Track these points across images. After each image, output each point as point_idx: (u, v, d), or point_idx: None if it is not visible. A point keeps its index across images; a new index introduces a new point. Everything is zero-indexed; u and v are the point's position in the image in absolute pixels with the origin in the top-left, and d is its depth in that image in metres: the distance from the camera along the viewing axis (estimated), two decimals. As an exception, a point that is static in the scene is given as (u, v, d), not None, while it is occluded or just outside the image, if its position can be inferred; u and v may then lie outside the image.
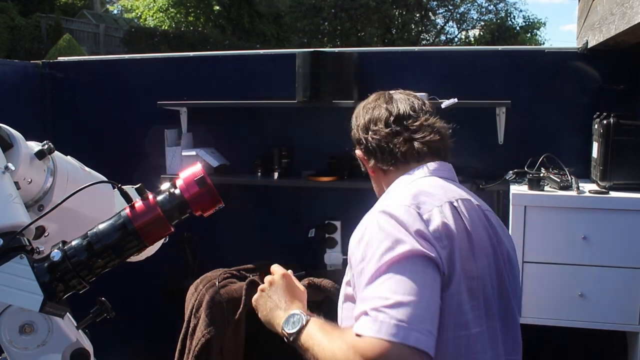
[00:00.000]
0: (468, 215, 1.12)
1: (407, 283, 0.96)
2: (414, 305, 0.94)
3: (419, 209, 1.07)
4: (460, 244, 1.06)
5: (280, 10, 18.82)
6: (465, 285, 1.05)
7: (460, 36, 22.23)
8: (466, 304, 1.04)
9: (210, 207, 1.05)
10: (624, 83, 2.55)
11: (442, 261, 1.02)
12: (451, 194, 1.16)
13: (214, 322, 2.28)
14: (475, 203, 1.19)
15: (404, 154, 1.26)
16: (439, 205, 1.10)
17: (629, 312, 2.08)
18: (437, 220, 1.06)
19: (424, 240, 1.02)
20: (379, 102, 1.34)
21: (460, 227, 1.08)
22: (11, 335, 0.98)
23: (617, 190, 2.16)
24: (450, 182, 1.23)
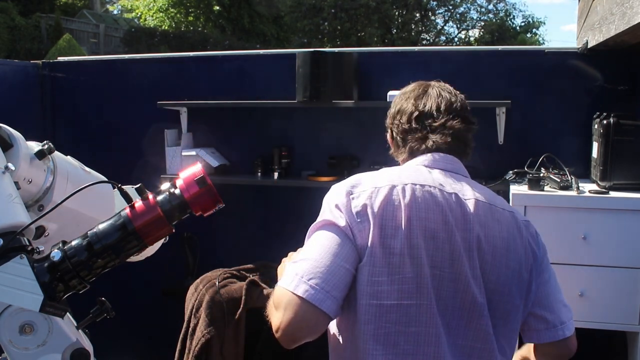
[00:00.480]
0: (414, 201, 1.19)
1: (314, 247, 1.17)
2: (310, 263, 1.14)
3: (352, 187, 1.22)
4: (382, 222, 1.16)
5: (280, 11, 18.82)
6: (382, 259, 1.14)
7: (460, 36, 22.25)
8: (380, 276, 1.14)
9: (210, 207, 1.05)
10: (624, 83, 2.55)
11: (355, 233, 1.16)
12: (403, 180, 1.22)
13: (214, 322, 2.28)
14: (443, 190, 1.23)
15: (413, 150, 1.35)
16: (376, 187, 1.20)
17: (629, 312, 2.08)
18: (362, 199, 1.18)
19: (340, 212, 1.18)
20: (412, 95, 1.41)
21: (391, 207, 1.17)
22: (11, 335, 0.98)
23: (617, 190, 2.16)
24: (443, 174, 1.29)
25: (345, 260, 1.14)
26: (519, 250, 1.25)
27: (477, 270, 1.19)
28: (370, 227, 1.15)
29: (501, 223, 1.25)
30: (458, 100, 1.42)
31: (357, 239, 1.15)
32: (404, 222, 1.16)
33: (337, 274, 1.13)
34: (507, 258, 1.22)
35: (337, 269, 1.13)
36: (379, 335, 1.14)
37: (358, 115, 2.77)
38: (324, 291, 1.11)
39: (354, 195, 1.20)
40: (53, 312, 0.96)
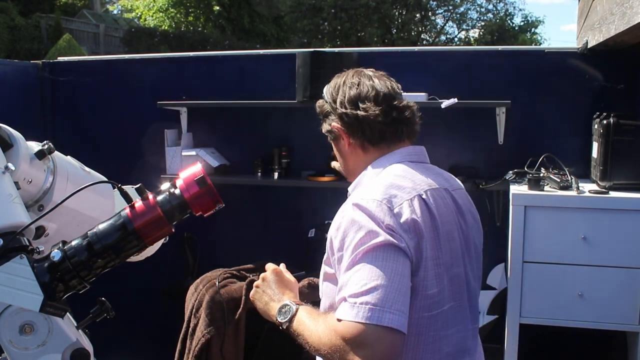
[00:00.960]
0: (436, 206, 1.20)
1: (379, 270, 1.06)
2: (386, 289, 1.05)
3: (390, 203, 1.15)
4: (427, 235, 1.15)
5: (280, 11, 18.81)
6: (431, 271, 1.15)
7: (460, 36, 22.25)
8: (431, 289, 1.15)
9: (210, 207, 1.05)
10: (624, 83, 2.55)
11: (411, 250, 1.12)
12: (420, 185, 1.22)
13: (214, 322, 2.28)
14: (442, 188, 1.27)
15: (390, 135, 1.30)
16: (409, 199, 1.17)
17: (629, 312, 2.08)
18: (407, 214, 1.14)
19: (394, 232, 1.11)
20: (362, 80, 1.33)
21: (427, 220, 1.17)
22: (11, 335, 0.98)
23: (617, 190, 2.16)
24: (420, 167, 1.29)
25: (408, 277, 1.11)
26: (479, 224, 1.37)
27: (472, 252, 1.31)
28: (416, 243, 1.14)
29: (469, 205, 1.35)
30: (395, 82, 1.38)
31: (413, 256, 1.13)
32: (440, 231, 1.19)
33: (407, 294, 1.09)
34: (479, 234, 1.36)
35: (406, 288, 1.09)
36: (427, 344, 1.17)
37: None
38: (404, 315, 1.05)
39: (396, 211, 1.14)
40: (53, 312, 0.96)
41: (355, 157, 1.35)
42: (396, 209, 1.14)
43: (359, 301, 1.03)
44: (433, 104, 2.55)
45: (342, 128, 1.33)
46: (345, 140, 1.34)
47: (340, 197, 2.79)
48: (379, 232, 1.10)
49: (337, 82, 1.38)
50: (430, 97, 2.58)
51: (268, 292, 1.36)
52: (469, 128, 2.71)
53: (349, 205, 1.17)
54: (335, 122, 1.35)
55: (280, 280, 1.39)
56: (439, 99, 2.54)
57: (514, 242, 2.13)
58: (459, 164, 2.71)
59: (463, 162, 2.72)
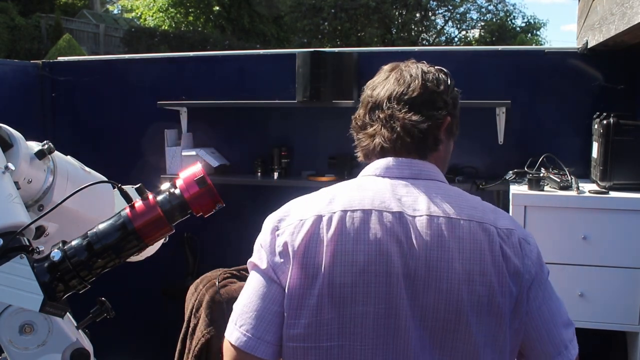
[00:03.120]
0: (337, 231, 1.03)
1: (246, 290, 1.12)
2: (241, 309, 1.11)
3: (279, 222, 1.12)
4: (303, 261, 1.03)
5: (280, 11, 18.82)
6: (299, 301, 1.04)
7: (460, 36, 22.24)
8: (298, 319, 1.04)
9: (210, 207, 1.05)
10: (624, 83, 2.55)
11: (278, 275, 1.07)
12: (336, 205, 1.06)
13: (214, 322, 2.28)
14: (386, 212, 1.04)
15: (366, 151, 1.18)
16: (301, 220, 1.07)
17: (629, 312, 2.08)
18: (285, 236, 1.07)
19: (263, 253, 1.10)
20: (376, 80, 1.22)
21: (313, 244, 1.04)
22: (11, 335, 0.98)
23: (617, 190, 2.16)
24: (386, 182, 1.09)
25: (272, 302, 1.06)
26: (488, 272, 1.00)
27: (423, 300, 1.00)
28: (289, 268, 1.04)
29: (462, 241, 1.01)
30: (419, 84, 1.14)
31: (282, 280, 1.06)
32: (326, 259, 1.02)
33: (265, 318, 1.07)
34: (468, 283, 0.99)
35: (266, 312, 1.07)
36: None
37: (358, 115, 2.77)
38: (254, 338, 1.06)
39: (279, 232, 1.09)
40: (53, 312, 0.96)
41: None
42: (281, 229, 1.09)
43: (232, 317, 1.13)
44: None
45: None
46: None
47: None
48: (256, 249, 1.13)
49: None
50: (430, 97, 2.58)
51: None
52: (469, 128, 2.70)
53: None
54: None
55: None
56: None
57: (514, 242, 2.13)
58: (459, 164, 2.71)
59: (463, 162, 2.72)
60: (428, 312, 1.00)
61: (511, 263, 1.02)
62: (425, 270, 1.00)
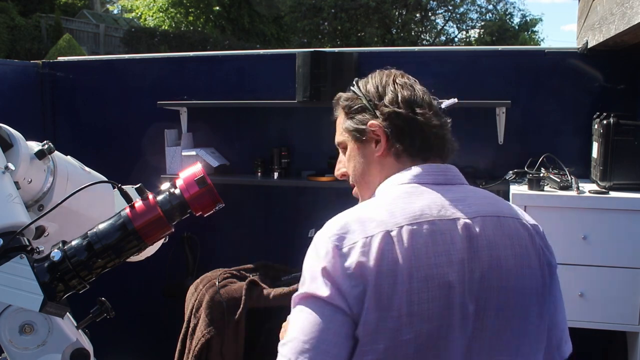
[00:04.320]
0: (410, 246, 0.98)
1: (300, 322, 0.98)
2: (297, 345, 0.97)
3: (340, 240, 0.99)
4: (378, 281, 0.96)
5: (280, 11, 18.82)
6: (375, 325, 0.96)
7: (460, 36, 22.25)
8: (376, 344, 0.96)
9: (210, 207, 1.05)
10: (624, 83, 2.55)
11: (349, 302, 0.96)
12: (400, 218, 1.00)
13: (213, 322, 2.28)
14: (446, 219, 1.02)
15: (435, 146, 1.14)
16: (368, 236, 0.98)
17: (629, 312, 2.08)
18: (355, 256, 0.97)
19: (328, 279, 0.97)
20: (412, 83, 1.19)
21: (387, 262, 0.97)
22: (11, 335, 0.98)
23: (617, 190, 2.16)
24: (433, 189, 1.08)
25: (338, 334, 0.96)
26: (534, 265, 1.06)
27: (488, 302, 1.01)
28: (361, 291, 0.95)
29: (512, 238, 1.05)
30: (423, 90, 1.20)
31: (351, 306, 0.96)
32: (402, 277, 0.97)
33: (331, 352, 0.96)
34: (523, 278, 1.04)
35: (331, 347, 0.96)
36: None
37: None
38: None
39: (345, 252, 0.97)
40: (53, 312, 0.96)
41: (382, 166, 1.15)
42: (345, 248, 0.98)
43: (284, 352, 0.99)
44: (433, 104, 2.55)
45: (385, 130, 1.13)
46: (382, 144, 1.14)
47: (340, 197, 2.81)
48: (312, 278, 0.99)
49: (382, 79, 1.19)
50: (430, 97, 2.58)
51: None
52: (469, 128, 2.71)
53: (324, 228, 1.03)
54: (374, 121, 1.14)
55: None
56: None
57: (514, 242, 2.13)
58: (459, 164, 2.70)
59: (463, 162, 2.72)
60: (498, 312, 1.01)
61: (545, 255, 1.08)
62: (489, 272, 1.01)
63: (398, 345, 0.96)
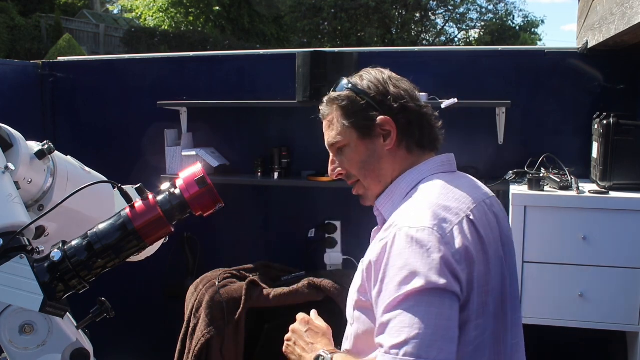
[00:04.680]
0: (482, 227, 1.09)
1: (420, 317, 0.98)
2: (428, 339, 0.96)
3: (441, 230, 1.03)
4: (477, 261, 1.05)
5: (280, 11, 18.82)
6: (480, 299, 1.05)
7: (460, 36, 22.25)
8: (477, 319, 1.05)
9: (210, 207, 1.05)
10: (624, 83, 2.55)
11: (462, 284, 1.02)
12: (465, 204, 1.09)
13: (214, 322, 2.28)
14: (481, 201, 1.15)
15: (436, 139, 1.23)
16: (458, 222, 1.05)
17: (629, 312, 2.08)
18: (458, 241, 1.03)
19: (445, 267, 1.00)
20: (399, 77, 1.24)
21: (476, 244, 1.06)
22: (11, 335, 0.98)
23: (617, 190, 2.16)
24: (455, 178, 1.18)
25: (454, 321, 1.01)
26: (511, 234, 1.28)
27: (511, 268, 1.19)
28: (468, 274, 1.03)
29: (505, 213, 1.25)
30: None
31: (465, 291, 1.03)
32: (489, 254, 1.08)
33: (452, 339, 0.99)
34: (513, 246, 1.25)
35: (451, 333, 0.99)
36: None
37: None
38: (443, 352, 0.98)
39: (447, 240, 1.02)
40: (53, 312, 0.96)
41: (394, 159, 1.19)
42: (447, 236, 1.02)
43: (401, 353, 0.96)
44: (433, 104, 2.55)
45: (393, 125, 1.17)
46: (392, 138, 1.17)
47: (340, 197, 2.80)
48: (424, 272, 0.99)
49: (377, 77, 1.23)
50: (430, 97, 2.58)
51: (300, 343, 1.28)
52: (469, 128, 2.71)
53: (399, 236, 1.03)
54: (383, 117, 1.17)
55: (311, 329, 1.29)
56: (439, 99, 2.54)
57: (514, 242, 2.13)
58: (459, 164, 2.71)
59: (463, 162, 2.71)
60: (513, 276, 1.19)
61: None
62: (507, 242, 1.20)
63: (487, 317, 1.07)
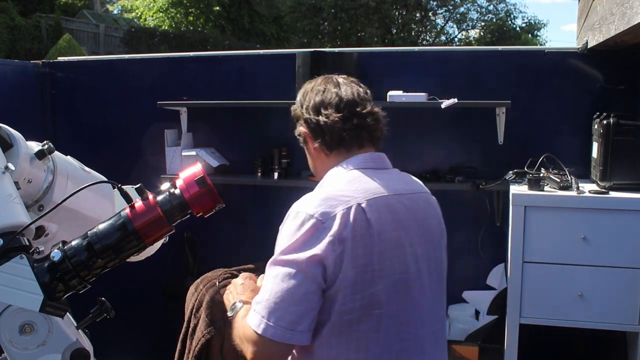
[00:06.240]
0: (376, 215, 1.22)
1: (281, 284, 1.17)
2: (270, 305, 1.18)
3: (323, 215, 1.20)
4: (356, 244, 1.18)
5: (280, 11, 18.81)
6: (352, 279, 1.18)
7: (460, 36, 22.24)
8: (348, 296, 1.18)
9: (210, 207, 1.05)
10: (624, 83, 2.55)
11: (328, 263, 1.17)
12: (362, 194, 1.24)
13: (214, 322, 2.28)
14: (393, 194, 1.28)
15: (349, 140, 1.35)
16: (345, 208, 1.20)
17: (629, 312, 2.08)
18: (336, 224, 1.18)
19: (313, 246, 1.17)
20: (328, 86, 1.40)
21: (361, 228, 1.19)
22: (11, 335, 0.98)
23: (617, 190, 2.16)
24: (373, 173, 1.32)
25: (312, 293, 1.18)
26: (443, 228, 1.41)
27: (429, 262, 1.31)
28: (339, 254, 1.17)
29: (435, 209, 1.40)
30: (366, 89, 1.44)
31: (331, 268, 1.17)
32: (375, 239, 1.21)
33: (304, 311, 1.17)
34: (441, 239, 1.39)
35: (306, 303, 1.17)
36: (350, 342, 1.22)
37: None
38: (288, 330, 1.16)
39: (326, 224, 1.19)
40: (53, 312, 0.96)
41: (320, 160, 1.42)
42: (327, 221, 1.19)
43: (258, 309, 1.19)
44: (433, 104, 2.55)
45: (307, 132, 1.42)
46: (310, 143, 1.42)
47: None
48: (294, 245, 1.18)
49: (306, 88, 1.46)
50: (430, 97, 2.58)
51: (233, 292, 1.55)
52: (469, 128, 2.71)
53: (288, 216, 1.27)
54: (302, 127, 1.44)
55: (244, 284, 1.56)
56: (439, 99, 2.54)
57: (514, 242, 2.13)
58: (459, 164, 2.71)
59: (463, 162, 2.72)
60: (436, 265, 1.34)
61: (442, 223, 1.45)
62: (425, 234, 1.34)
63: (373, 294, 1.21)
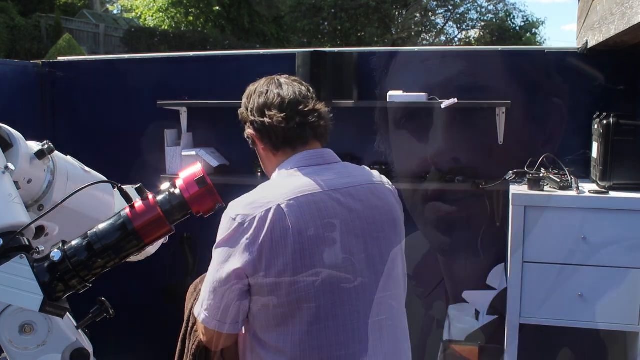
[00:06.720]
0: (299, 214, 1.26)
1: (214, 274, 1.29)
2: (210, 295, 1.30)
3: (244, 217, 1.25)
4: (272, 246, 1.23)
5: (280, 11, 18.81)
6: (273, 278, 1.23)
7: (460, 36, 22.23)
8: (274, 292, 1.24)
9: (210, 207, 1.05)
10: (624, 83, 2.55)
11: (249, 268, 1.23)
12: (287, 194, 1.28)
13: (214, 322, 2.28)
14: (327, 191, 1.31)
15: (293, 139, 1.39)
16: (264, 211, 1.25)
17: (629, 312, 2.08)
18: (254, 227, 1.23)
19: (234, 249, 1.24)
20: (270, 87, 1.45)
21: (281, 229, 1.24)
22: (11, 335, 0.98)
23: (617, 190, 2.16)
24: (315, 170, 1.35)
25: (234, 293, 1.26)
26: (398, 217, 1.41)
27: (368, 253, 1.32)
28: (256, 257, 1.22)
29: (382, 199, 1.39)
30: (309, 87, 1.49)
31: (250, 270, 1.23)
32: (295, 237, 1.24)
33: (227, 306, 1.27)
34: (395, 231, 1.39)
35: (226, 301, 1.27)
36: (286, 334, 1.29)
37: (358, 115, 2.77)
38: (217, 321, 1.29)
39: (246, 226, 1.24)
40: (53, 312, 0.96)
41: (269, 160, 1.47)
42: (247, 223, 1.24)
43: (200, 298, 1.34)
44: (433, 104, 2.55)
45: (254, 134, 1.44)
46: (258, 145, 1.45)
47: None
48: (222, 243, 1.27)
49: (250, 91, 1.50)
50: (430, 97, 2.58)
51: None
52: (469, 128, 2.71)
53: (229, 204, 1.31)
54: (249, 129, 1.46)
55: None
56: (439, 99, 2.54)
57: (514, 242, 2.13)
58: (459, 164, 2.71)
59: (463, 162, 2.72)
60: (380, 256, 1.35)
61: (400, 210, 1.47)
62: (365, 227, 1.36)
63: (299, 290, 1.24)
